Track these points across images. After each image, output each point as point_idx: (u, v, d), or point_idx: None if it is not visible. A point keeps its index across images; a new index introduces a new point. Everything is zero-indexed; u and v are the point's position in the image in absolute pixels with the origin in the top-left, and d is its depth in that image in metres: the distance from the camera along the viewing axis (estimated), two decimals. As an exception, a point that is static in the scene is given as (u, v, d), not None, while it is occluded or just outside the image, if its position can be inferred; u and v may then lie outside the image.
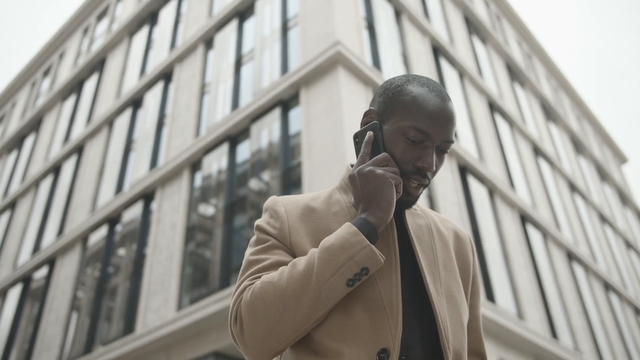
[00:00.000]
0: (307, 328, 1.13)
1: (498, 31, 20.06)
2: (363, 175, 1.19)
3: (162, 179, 12.39)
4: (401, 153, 1.22)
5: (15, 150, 21.23)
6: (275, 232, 1.25)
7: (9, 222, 18.28)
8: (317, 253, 1.14)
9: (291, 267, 1.15)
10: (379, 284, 1.18)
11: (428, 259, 1.25)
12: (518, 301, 11.86)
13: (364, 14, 12.11)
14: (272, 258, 1.21)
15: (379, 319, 1.15)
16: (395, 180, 1.18)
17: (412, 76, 1.30)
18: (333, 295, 1.12)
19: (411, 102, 1.23)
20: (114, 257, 12.87)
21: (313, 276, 1.11)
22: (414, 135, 1.21)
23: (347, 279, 1.11)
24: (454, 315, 1.21)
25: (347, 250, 1.12)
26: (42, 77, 22.67)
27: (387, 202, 1.17)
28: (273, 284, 1.13)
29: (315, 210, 1.29)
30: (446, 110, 1.23)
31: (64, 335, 12.54)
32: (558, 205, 17.23)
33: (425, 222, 1.33)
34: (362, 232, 1.14)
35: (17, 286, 15.54)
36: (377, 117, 1.29)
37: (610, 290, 18.25)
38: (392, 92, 1.27)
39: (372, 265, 1.12)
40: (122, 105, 15.61)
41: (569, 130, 22.69)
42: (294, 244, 1.23)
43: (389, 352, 1.12)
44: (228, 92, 12.31)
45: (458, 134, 13.11)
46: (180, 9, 16.14)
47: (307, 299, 1.11)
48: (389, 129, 1.25)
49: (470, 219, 11.94)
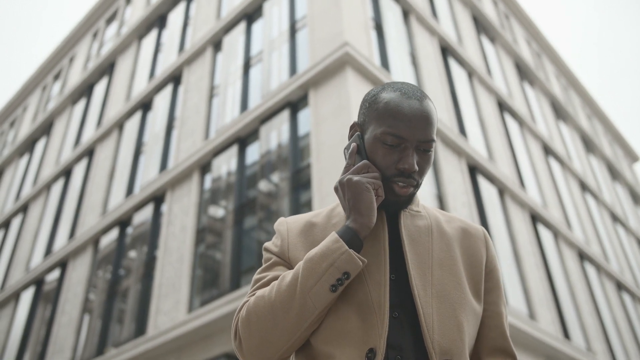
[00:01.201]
0: (301, 336, 1.19)
1: (507, 30, 19.98)
2: (343, 185, 1.25)
3: (172, 181, 12.44)
4: (381, 158, 1.27)
5: (27, 154, 21.40)
6: (277, 249, 1.34)
7: (21, 226, 18.42)
8: (302, 264, 1.20)
9: (280, 280, 1.22)
10: (369, 286, 1.22)
11: (421, 260, 1.27)
12: (529, 301, 11.80)
13: (372, 14, 12.10)
14: (271, 274, 1.29)
15: (369, 320, 1.19)
16: (373, 184, 1.23)
17: (388, 83, 1.35)
18: (319, 302, 1.17)
19: (384, 108, 1.28)
20: (125, 259, 12.94)
21: (298, 286, 1.17)
22: (390, 140, 1.26)
23: (330, 285, 1.16)
24: (447, 315, 1.21)
25: (327, 258, 1.17)
26: (52, 81, 22.84)
27: (367, 207, 1.21)
28: (264, 298, 1.20)
29: (316, 224, 1.36)
30: (419, 111, 1.27)
31: (76, 338, 12.62)
32: (569, 205, 17.13)
33: (426, 223, 1.34)
34: (343, 239, 1.19)
35: (30, 289, 15.66)
36: (359, 129, 1.35)
37: (623, 290, 18.11)
38: (369, 102, 1.33)
39: (352, 269, 1.17)
40: (132, 109, 15.69)
41: (580, 129, 22.55)
42: (292, 258, 1.30)
43: (375, 351, 1.15)
44: (237, 94, 12.34)
45: (468, 134, 13.07)
46: (188, 12, 16.21)
47: (294, 308, 1.17)
48: (369, 138, 1.30)
49: (481, 219, 11.89)
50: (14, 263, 17.21)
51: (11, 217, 19.57)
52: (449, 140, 11.96)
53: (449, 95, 13.20)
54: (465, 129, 13.16)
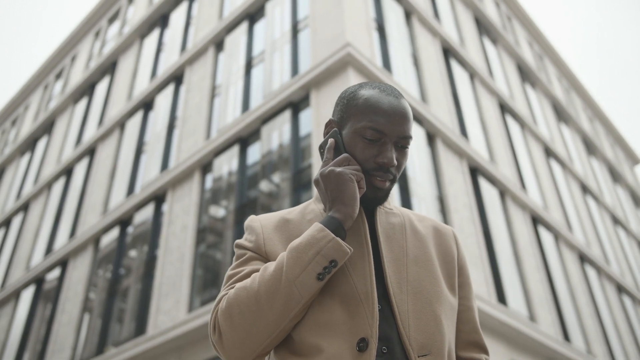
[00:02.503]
0: (285, 328, 1.17)
1: (509, 32, 19.97)
2: (325, 176, 1.26)
3: (173, 181, 12.45)
4: (361, 152, 1.29)
5: (28, 153, 21.41)
6: (251, 245, 1.31)
7: (22, 224, 18.43)
8: (286, 253, 1.19)
9: (262, 270, 1.20)
10: (354, 278, 1.22)
11: (396, 256, 1.28)
12: (530, 303, 11.79)
13: (374, 15, 12.10)
14: (247, 269, 1.26)
15: (356, 311, 1.18)
16: (355, 176, 1.24)
17: (365, 82, 1.38)
18: (305, 291, 1.15)
19: (363, 104, 1.31)
20: (126, 258, 12.94)
21: (283, 275, 1.16)
22: (370, 135, 1.28)
23: (317, 273, 1.15)
24: (423, 310, 1.23)
25: (314, 246, 1.17)
26: (54, 80, 22.86)
27: (350, 197, 1.22)
28: (246, 288, 1.18)
29: (290, 220, 1.35)
30: (398, 107, 1.30)
31: (76, 337, 12.62)
32: (570, 207, 17.12)
33: (399, 221, 1.37)
34: (328, 228, 1.19)
35: (30, 287, 15.66)
36: (336, 125, 1.37)
37: (623, 293, 18.10)
38: (347, 99, 1.35)
39: (339, 257, 1.17)
40: (134, 108, 15.70)
41: (581, 131, 22.54)
42: (269, 252, 1.28)
43: (368, 340, 1.15)
44: (238, 94, 12.34)
45: (469, 135, 13.07)
46: (190, 12, 16.22)
47: (280, 297, 1.15)
48: (347, 133, 1.32)
49: (482, 221, 11.88)
50: (15, 262, 17.22)
51: (12, 215, 19.58)
52: (450, 141, 11.95)
53: (450, 97, 13.19)
54: (467, 130, 13.15)
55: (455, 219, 10.76)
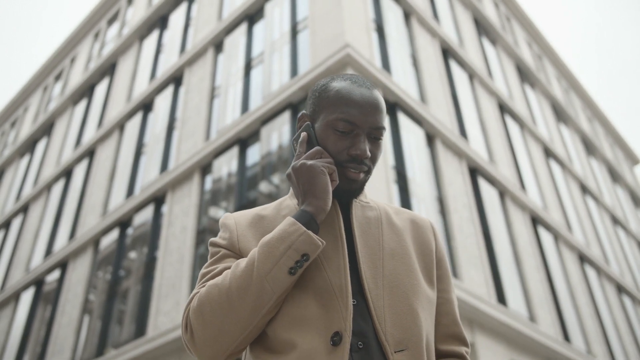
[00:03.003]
0: (258, 324, 1.15)
1: (508, 32, 19.98)
2: (296, 170, 1.25)
3: (172, 182, 12.44)
4: (333, 145, 1.27)
5: (28, 155, 21.41)
6: (225, 242, 1.30)
7: (21, 226, 18.43)
8: (257, 249, 1.17)
9: (234, 267, 1.18)
10: (328, 271, 1.20)
11: (372, 250, 1.27)
12: (529, 303, 11.80)
13: (373, 16, 12.11)
14: (220, 266, 1.24)
15: (330, 305, 1.17)
16: (327, 168, 1.23)
17: (336, 75, 1.37)
18: (277, 286, 1.14)
19: (335, 96, 1.29)
20: (125, 260, 12.94)
21: (254, 270, 1.14)
22: (342, 127, 1.27)
23: (289, 268, 1.14)
24: (400, 304, 1.21)
25: (285, 240, 1.15)
26: (53, 81, 22.85)
27: (322, 190, 1.20)
28: (217, 285, 1.16)
29: (265, 217, 1.34)
30: (370, 98, 1.29)
31: (76, 338, 12.61)
32: (569, 207, 17.12)
33: (376, 214, 1.35)
34: (300, 221, 1.18)
35: (30, 289, 15.65)
36: (309, 119, 1.35)
37: (623, 293, 18.10)
38: (319, 92, 1.34)
39: (311, 250, 1.15)
40: (133, 109, 15.70)
41: (580, 132, 22.55)
42: (243, 249, 1.27)
43: (341, 334, 1.13)
44: (238, 95, 12.34)
45: (468, 136, 13.07)
46: (190, 13, 16.22)
47: (252, 293, 1.13)
48: (320, 126, 1.31)
49: (481, 221, 11.89)
50: (14, 263, 17.21)
51: (12, 217, 19.58)
52: (449, 142, 11.96)
53: (449, 97, 13.20)
54: (466, 130, 13.16)
55: (454, 219, 10.76)
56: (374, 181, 9.03)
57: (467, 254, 10.54)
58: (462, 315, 9.70)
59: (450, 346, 1.34)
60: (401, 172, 10.22)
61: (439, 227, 10.43)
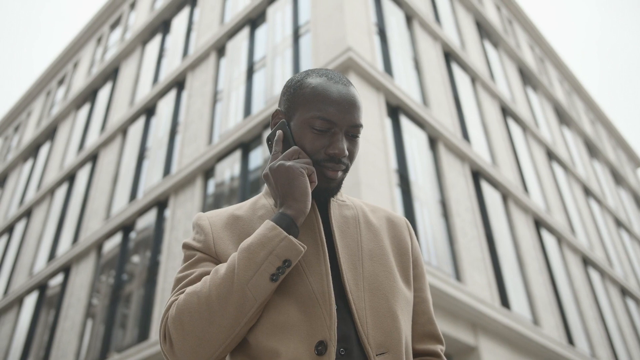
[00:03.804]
0: (239, 332, 1.12)
1: (510, 35, 19.98)
2: (274, 171, 1.20)
3: (175, 186, 12.46)
4: (310, 144, 1.23)
5: (31, 159, 21.46)
6: (200, 245, 1.25)
7: (24, 230, 18.46)
8: (237, 254, 1.13)
9: (213, 273, 1.14)
10: (309, 277, 1.17)
11: (351, 251, 1.24)
12: (533, 307, 11.77)
13: (375, 19, 12.12)
14: (197, 271, 1.20)
15: (313, 312, 1.14)
16: (307, 170, 1.19)
17: (312, 70, 1.32)
18: (259, 293, 1.11)
19: (311, 93, 1.25)
20: (128, 264, 12.95)
21: (235, 277, 1.10)
22: (319, 125, 1.23)
23: (270, 274, 1.11)
24: (380, 307, 1.19)
25: (266, 246, 1.11)
26: (57, 86, 22.92)
27: (301, 192, 1.17)
28: (197, 293, 1.12)
29: (240, 217, 1.29)
30: (348, 95, 1.25)
31: (79, 343, 12.62)
32: (573, 210, 17.09)
33: (353, 213, 1.33)
34: (280, 226, 1.14)
35: (33, 294, 15.67)
36: (284, 116, 1.30)
37: (627, 295, 18.04)
38: (294, 89, 1.29)
39: (292, 256, 1.12)
40: (136, 114, 15.73)
41: (583, 134, 22.52)
42: (219, 253, 1.22)
43: (326, 343, 1.11)
44: (240, 99, 12.36)
45: (471, 139, 13.07)
46: (192, 18, 16.27)
47: (233, 301, 1.10)
48: (296, 124, 1.26)
49: (484, 224, 11.87)
50: (18, 268, 17.23)
51: (15, 221, 19.61)
52: (452, 145, 11.95)
53: (452, 100, 13.20)
54: (469, 134, 13.15)
55: (457, 222, 10.75)
56: (377, 184, 9.03)
57: (470, 257, 10.52)
58: (466, 319, 9.69)
59: (426, 345, 1.33)
60: (404, 176, 10.22)
61: (441, 230, 10.42)
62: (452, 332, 9.24)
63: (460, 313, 9.53)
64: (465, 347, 9.60)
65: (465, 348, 9.62)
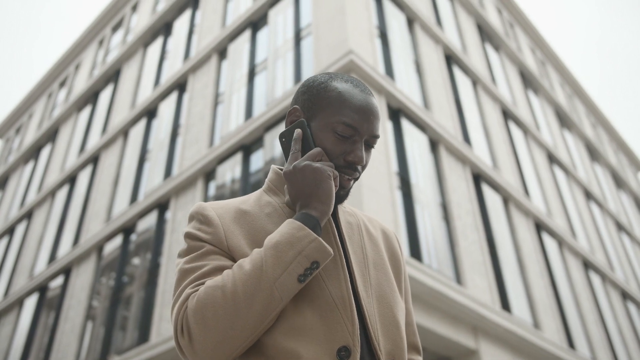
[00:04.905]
0: (260, 331, 1.10)
1: (511, 38, 20.00)
2: (300, 170, 1.18)
3: (176, 188, 12.46)
4: (331, 148, 1.22)
5: (32, 161, 21.48)
6: (209, 237, 1.20)
7: (25, 232, 18.47)
8: (263, 251, 1.11)
9: (238, 268, 1.10)
10: (327, 282, 1.16)
11: (358, 259, 1.25)
12: (534, 310, 11.75)
13: (377, 22, 12.13)
14: (211, 264, 1.15)
15: (331, 317, 1.13)
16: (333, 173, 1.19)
17: (334, 74, 1.31)
18: (286, 293, 1.08)
19: (337, 97, 1.24)
20: (129, 266, 12.95)
21: (263, 275, 1.08)
22: (342, 130, 1.22)
23: (298, 275, 1.09)
24: (386, 315, 1.20)
25: (295, 246, 1.10)
26: (58, 88, 22.95)
27: (327, 195, 1.16)
28: (221, 288, 1.08)
29: (248, 212, 1.25)
30: (372, 105, 1.26)
31: (79, 345, 12.61)
32: (574, 213, 17.08)
33: (355, 221, 1.34)
34: (307, 226, 1.12)
35: (33, 295, 15.67)
36: (303, 115, 1.28)
37: (628, 299, 18.02)
38: (317, 89, 1.28)
39: (322, 258, 1.11)
40: (137, 116, 15.75)
41: (584, 138, 22.51)
42: (232, 247, 1.18)
43: (350, 349, 1.10)
44: (242, 101, 12.38)
45: (472, 142, 13.07)
46: (194, 20, 16.29)
47: (260, 299, 1.07)
48: (317, 125, 1.25)
49: (485, 227, 11.86)
50: (18, 270, 17.23)
51: (16, 223, 19.62)
52: (453, 148, 11.95)
53: (453, 104, 13.20)
54: (470, 137, 13.15)
55: (458, 225, 10.75)
56: (378, 187, 9.03)
57: (471, 261, 10.52)
58: (466, 322, 9.68)
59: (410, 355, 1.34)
60: (405, 178, 10.22)
61: (442, 233, 10.42)
62: (453, 335, 9.23)
63: (461, 316, 9.52)
64: (466, 350, 9.58)
65: (465, 351, 9.61)
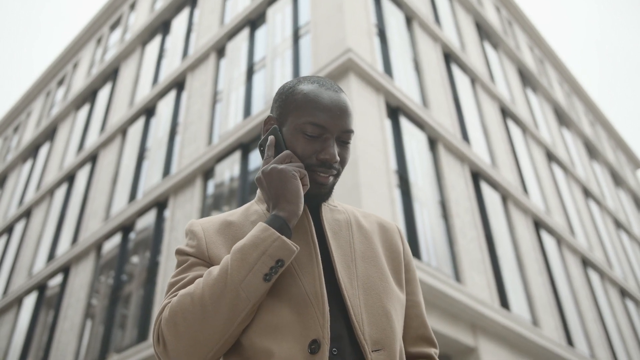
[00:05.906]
0: (233, 333, 1.13)
1: (509, 36, 20.00)
2: (267, 174, 1.22)
3: (175, 187, 12.46)
4: (302, 149, 1.26)
5: (30, 159, 21.45)
6: (193, 250, 1.26)
7: (24, 231, 18.45)
8: (230, 256, 1.15)
9: (206, 275, 1.15)
10: (302, 279, 1.19)
11: (344, 252, 1.27)
12: (533, 308, 11.77)
13: (375, 20, 12.13)
14: (190, 274, 1.21)
15: (306, 313, 1.15)
16: (299, 172, 1.22)
17: (304, 77, 1.35)
18: (252, 293, 1.12)
19: (303, 99, 1.27)
20: (128, 264, 12.94)
21: (228, 278, 1.11)
22: (311, 130, 1.25)
23: (264, 274, 1.12)
24: (374, 305, 1.22)
25: (259, 247, 1.13)
26: (56, 86, 22.92)
27: (294, 195, 1.19)
28: (190, 294, 1.13)
29: (233, 223, 1.31)
30: (339, 101, 1.28)
31: (78, 343, 12.61)
32: (572, 211, 17.10)
33: (345, 217, 1.36)
34: (273, 227, 1.16)
35: (32, 294, 15.66)
36: (276, 122, 1.33)
37: (627, 297, 18.05)
38: (285, 95, 1.32)
39: (285, 255, 1.13)
40: (135, 114, 15.73)
41: (583, 135, 22.53)
42: (212, 257, 1.24)
43: (320, 342, 1.12)
44: (240, 100, 12.37)
45: (471, 140, 13.07)
46: (192, 18, 16.27)
47: (226, 301, 1.10)
48: (288, 129, 1.29)
49: (484, 225, 11.88)
50: (17, 268, 17.22)
51: (14, 222, 19.61)
52: (451, 146, 11.96)
53: (451, 102, 13.21)
54: (468, 135, 13.16)
55: (457, 223, 10.76)
56: (376, 185, 9.03)
57: (469, 258, 10.53)
58: (465, 320, 9.69)
59: (420, 348, 1.35)
60: (403, 176, 10.22)
61: (441, 231, 10.43)
62: (452, 333, 9.24)
63: (460, 314, 9.53)
64: (465, 348, 9.60)
65: (464, 349, 9.63)
